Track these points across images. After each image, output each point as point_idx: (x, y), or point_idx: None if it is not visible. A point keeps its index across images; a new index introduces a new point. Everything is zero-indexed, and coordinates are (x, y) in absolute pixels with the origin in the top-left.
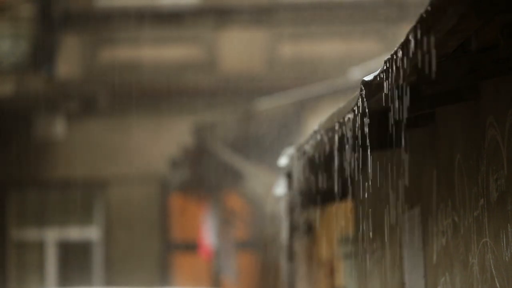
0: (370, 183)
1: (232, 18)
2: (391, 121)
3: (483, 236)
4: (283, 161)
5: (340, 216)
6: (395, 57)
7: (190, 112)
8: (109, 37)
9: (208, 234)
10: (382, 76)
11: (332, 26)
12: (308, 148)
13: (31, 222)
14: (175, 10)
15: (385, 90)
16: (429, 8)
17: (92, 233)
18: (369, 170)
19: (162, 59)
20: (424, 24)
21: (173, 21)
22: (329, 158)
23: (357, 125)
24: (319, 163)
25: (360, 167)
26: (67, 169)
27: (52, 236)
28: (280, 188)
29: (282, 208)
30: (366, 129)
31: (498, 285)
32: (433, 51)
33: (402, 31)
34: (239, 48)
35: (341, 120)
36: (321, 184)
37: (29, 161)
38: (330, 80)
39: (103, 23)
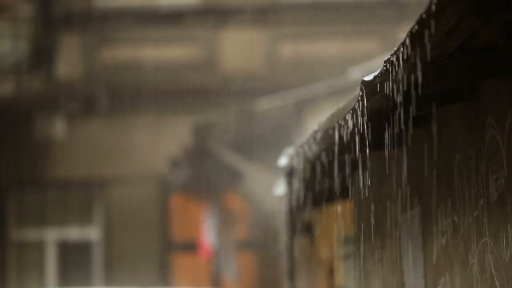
0: (370, 183)
1: (232, 18)
2: (391, 121)
3: (483, 236)
4: (283, 161)
5: (340, 216)
6: (395, 57)
7: (190, 112)
8: (109, 37)
9: (208, 234)
10: (382, 76)
11: (332, 26)
12: (307, 148)
13: (31, 222)
14: (175, 10)
15: (385, 90)
16: (428, 8)
17: (92, 233)
18: (369, 170)
19: (162, 59)
20: (424, 24)
21: (173, 21)
22: (329, 158)
23: (357, 125)
24: (319, 163)
25: (360, 167)
26: (67, 169)
27: (52, 236)
28: (280, 188)
29: (282, 208)
30: (366, 129)
31: (497, 285)
32: (433, 51)
33: (402, 31)
34: (239, 48)
35: (341, 120)
36: (321, 184)
37: (29, 161)
38: (330, 80)
39: (103, 23)
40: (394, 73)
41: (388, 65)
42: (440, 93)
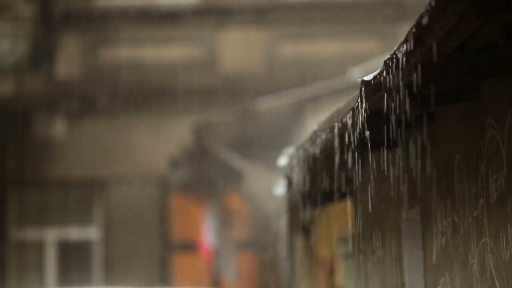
0: (369, 183)
1: (232, 18)
2: (391, 121)
3: (483, 236)
4: (283, 161)
5: (340, 216)
6: (395, 57)
7: (190, 112)
8: (109, 37)
9: (208, 234)
10: (381, 76)
11: (332, 26)
12: (307, 148)
13: (31, 222)
14: (175, 10)
15: (385, 90)
16: (428, 8)
17: (91, 233)
18: (369, 170)
19: (162, 59)
20: (424, 24)
21: (173, 21)
22: (328, 158)
23: (356, 125)
24: (318, 163)
25: (360, 167)
26: (67, 169)
27: (52, 236)
28: (280, 188)
29: (282, 208)
30: (366, 129)
31: (497, 285)
32: (433, 51)
33: (402, 31)
34: (239, 48)
35: (341, 120)
36: (321, 184)
37: (29, 161)
38: (330, 80)
39: (103, 23)
40: (393, 73)
41: (387, 65)
42: (440, 93)
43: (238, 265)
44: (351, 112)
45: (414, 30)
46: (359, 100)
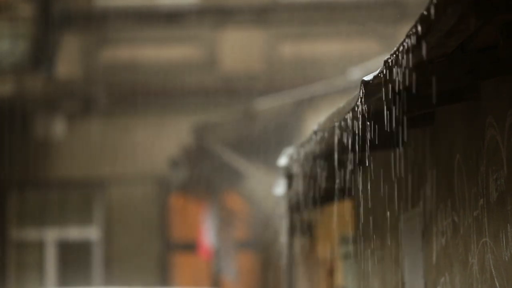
0: (369, 183)
1: (232, 18)
2: (391, 121)
3: (483, 236)
4: (283, 161)
5: (340, 216)
6: (394, 57)
7: (190, 112)
8: (109, 37)
9: (208, 234)
10: (381, 76)
11: (332, 26)
12: (307, 148)
13: (31, 222)
14: (175, 10)
15: (385, 90)
16: (428, 8)
17: (91, 233)
18: (369, 170)
19: (162, 59)
20: (424, 24)
21: (173, 21)
22: (328, 158)
23: (356, 125)
24: (318, 163)
25: (360, 167)
26: (67, 169)
27: (51, 236)
28: (280, 188)
29: (282, 208)
30: (366, 129)
31: (497, 285)
32: (433, 51)
33: (402, 31)
34: (239, 48)
35: (341, 120)
36: (321, 184)
37: (29, 161)
38: (330, 80)
39: (103, 23)
40: (394, 73)
41: (388, 65)
42: (440, 93)
43: (238, 265)
44: (351, 112)
45: (414, 30)
46: (359, 100)
